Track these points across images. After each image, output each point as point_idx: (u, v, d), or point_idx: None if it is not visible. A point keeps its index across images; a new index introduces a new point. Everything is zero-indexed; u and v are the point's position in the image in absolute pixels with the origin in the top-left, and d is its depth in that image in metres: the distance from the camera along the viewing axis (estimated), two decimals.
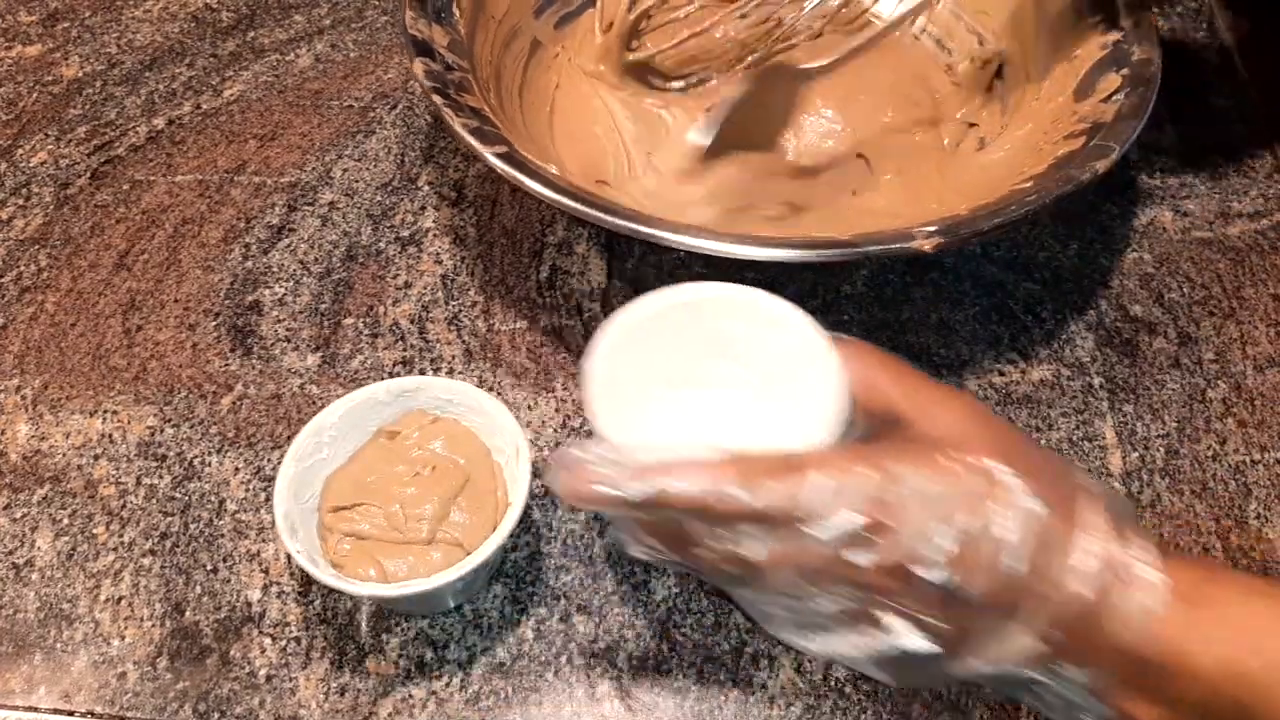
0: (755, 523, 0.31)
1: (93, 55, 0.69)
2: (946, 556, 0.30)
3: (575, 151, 0.58)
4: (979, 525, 0.30)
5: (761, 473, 0.31)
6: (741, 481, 0.30)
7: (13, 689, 0.41)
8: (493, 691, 0.41)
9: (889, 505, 0.30)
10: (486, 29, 0.58)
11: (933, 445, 0.32)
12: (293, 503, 0.40)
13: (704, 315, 0.37)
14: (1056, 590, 0.30)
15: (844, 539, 0.30)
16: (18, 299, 0.55)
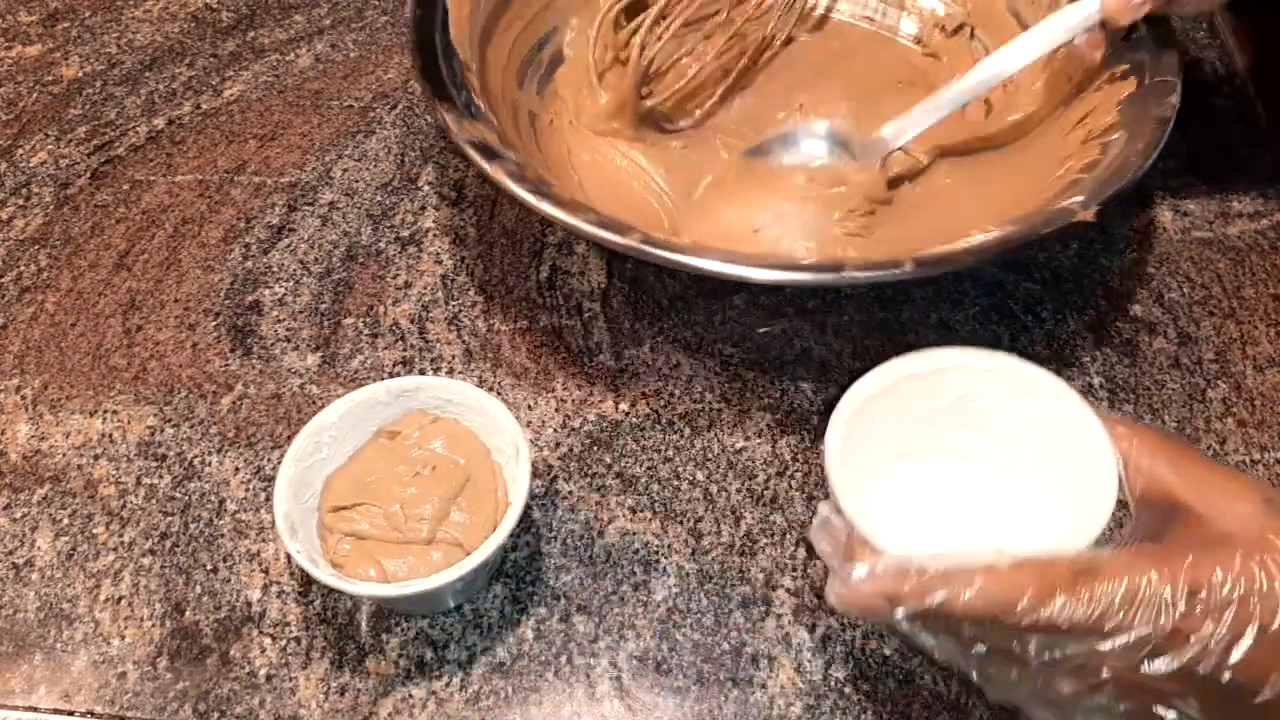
0: (1040, 634, 0.30)
1: (93, 55, 0.69)
2: (1245, 662, 0.29)
3: (626, 213, 0.56)
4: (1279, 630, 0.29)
5: (1055, 583, 0.29)
6: (1036, 596, 0.29)
7: (13, 689, 0.41)
8: (493, 691, 0.41)
9: (1193, 615, 0.29)
10: (502, 113, 0.54)
11: (1226, 543, 0.30)
12: (293, 503, 0.40)
13: (949, 385, 0.35)
14: None
15: (1137, 650, 0.29)
16: (18, 299, 0.55)
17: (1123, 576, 0.29)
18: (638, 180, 0.58)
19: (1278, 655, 0.29)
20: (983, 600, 0.30)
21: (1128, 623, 0.29)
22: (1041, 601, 0.29)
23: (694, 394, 0.50)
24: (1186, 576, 0.30)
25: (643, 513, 0.46)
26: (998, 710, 0.41)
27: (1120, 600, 0.29)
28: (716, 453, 0.48)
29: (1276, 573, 0.30)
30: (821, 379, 0.51)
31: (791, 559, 0.45)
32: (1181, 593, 0.29)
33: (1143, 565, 0.30)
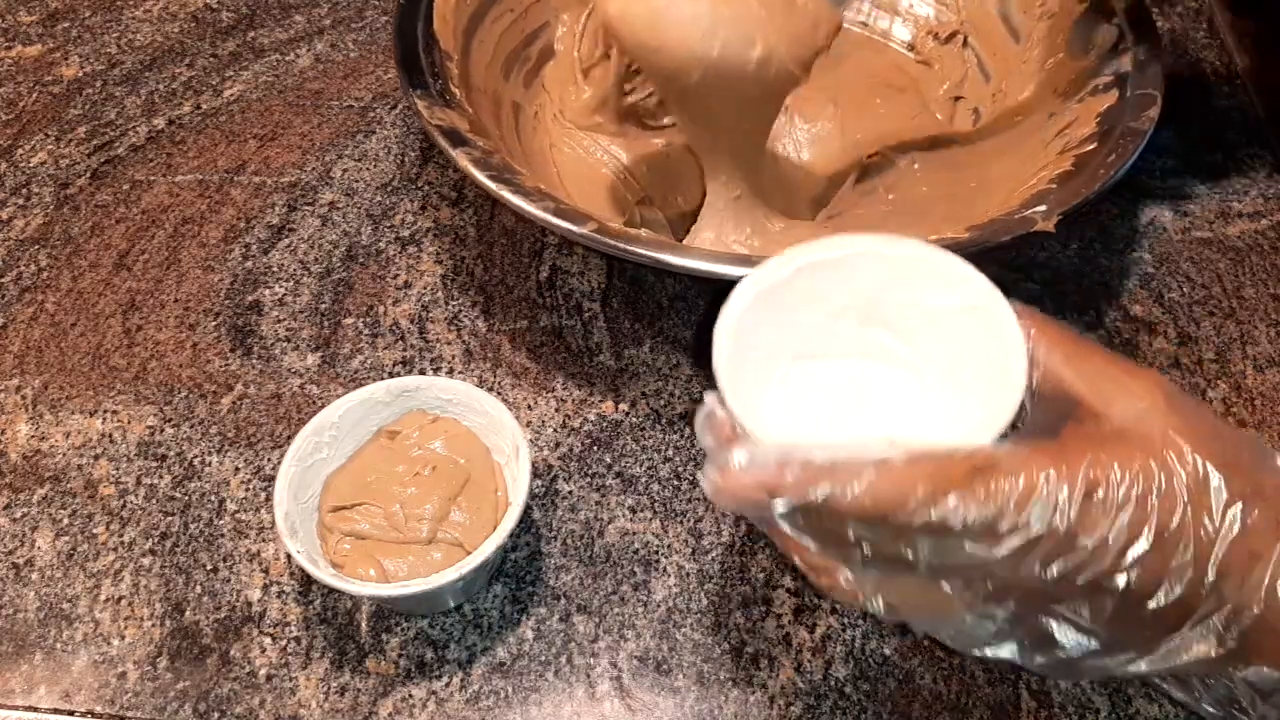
0: (932, 535, 0.28)
1: (93, 55, 0.69)
2: (1139, 565, 0.28)
3: (597, 205, 0.57)
4: (1184, 533, 0.28)
5: (949, 480, 0.28)
6: (928, 493, 0.27)
7: (13, 689, 0.41)
8: (493, 691, 0.41)
9: (1089, 515, 0.28)
10: (481, 103, 0.55)
11: (1124, 439, 0.29)
12: (293, 503, 0.40)
13: (854, 274, 0.32)
14: (1256, 601, 0.28)
15: (1028, 553, 0.28)
16: (18, 299, 0.55)
17: (1019, 474, 0.28)
18: (616, 175, 0.59)
19: (1170, 559, 0.28)
20: (871, 496, 0.28)
21: (1022, 524, 0.28)
22: (934, 499, 0.27)
23: (694, 394, 0.50)
24: (1084, 475, 0.28)
25: (643, 513, 0.46)
26: (997, 709, 0.41)
27: (1016, 500, 0.28)
28: None
29: (1176, 470, 0.28)
30: None
31: (791, 559, 0.45)
32: (1079, 492, 0.28)
33: (1040, 462, 0.28)
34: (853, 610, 0.43)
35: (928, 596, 0.31)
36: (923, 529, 0.28)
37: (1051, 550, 0.28)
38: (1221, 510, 0.28)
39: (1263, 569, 0.28)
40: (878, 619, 0.34)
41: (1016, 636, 0.31)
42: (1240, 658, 0.29)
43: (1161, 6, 0.73)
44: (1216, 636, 0.29)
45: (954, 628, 0.32)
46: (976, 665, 0.42)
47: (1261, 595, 0.28)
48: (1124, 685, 0.41)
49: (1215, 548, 0.28)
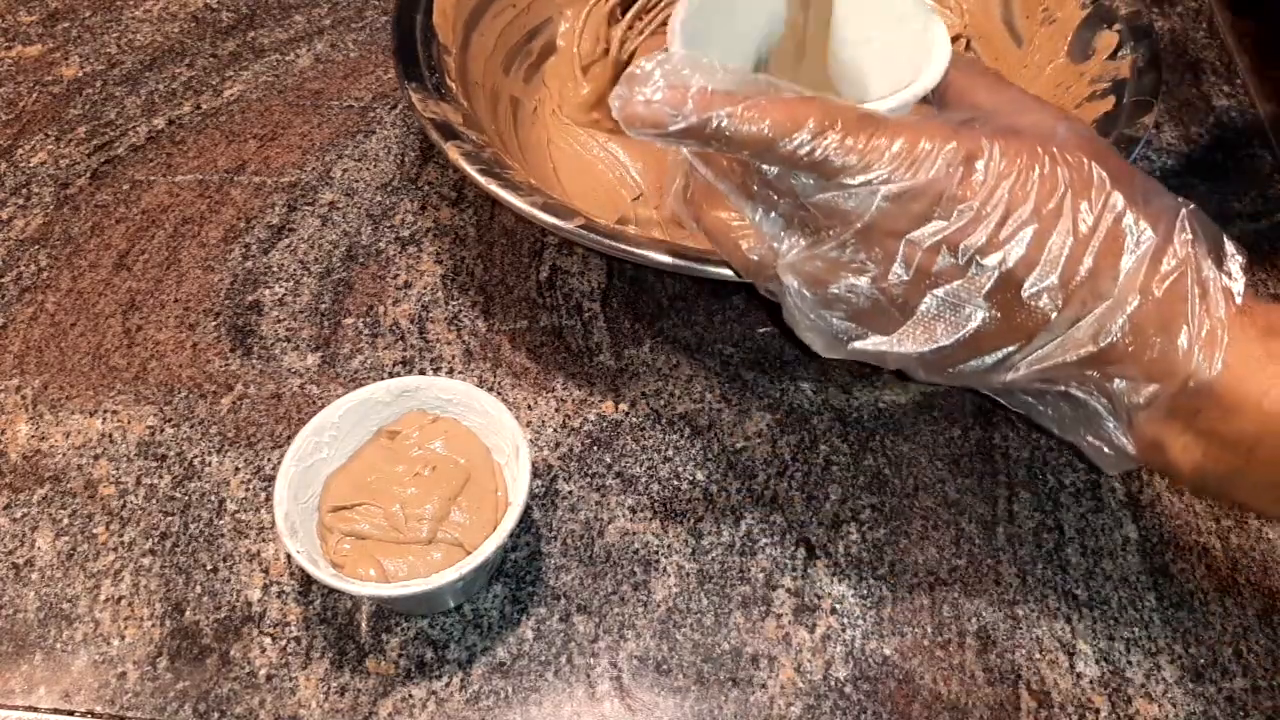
0: (816, 172, 0.29)
1: (93, 55, 0.69)
2: (1015, 243, 0.28)
3: (593, 202, 0.57)
4: (1060, 216, 0.28)
5: (840, 121, 0.28)
6: (818, 125, 0.28)
7: (13, 689, 0.41)
8: (493, 691, 0.41)
9: (970, 180, 0.28)
10: (478, 97, 0.55)
11: (1017, 133, 0.29)
12: (293, 503, 0.40)
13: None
14: (1131, 294, 0.28)
15: (914, 208, 0.28)
16: (18, 299, 0.55)
17: (907, 131, 0.29)
18: (613, 172, 0.59)
19: (1046, 240, 0.28)
20: (766, 119, 0.29)
21: (899, 172, 0.28)
22: (822, 132, 0.28)
23: (694, 394, 0.50)
24: (968, 144, 0.29)
25: (643, 513, 0.46)
26: (997, 709, 0.41)
27: (899, 149, 0.28)
28: (716, 453, 0.48)
29: (1060, 161, 0.29)
30: (821, 379, 0.51)
31: (791, 559, 0.45)
32: (959, 156, 0.28)
33: (929, 127, 0.29)
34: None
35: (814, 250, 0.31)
36: (807, 161, 0.29)
37: (928, 208, 0.28)
38: (1102, 202, 0.29)
39: (1139, 265, 0.28)
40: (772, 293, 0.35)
41: (895, 321, 0.31)
42: (1112, 360, 0.29)
43: (1161, 6, 0.73)
44: (1091, 332, 0.29)
45: (836, 302, 0.32)
46: (977, 665, 0.42)
47: (1137, 290, 0.28)
48: (1122, 687, 0.41)
49: (1095, 235, 0.28)
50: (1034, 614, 0.43)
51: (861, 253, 0.30)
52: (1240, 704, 0.41)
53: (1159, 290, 0.29)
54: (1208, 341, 0.29)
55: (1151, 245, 0.29)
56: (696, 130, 0.30)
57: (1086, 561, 0.45)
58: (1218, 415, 0.29)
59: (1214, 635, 0.43)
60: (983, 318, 0.30)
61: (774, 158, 0.29)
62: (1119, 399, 0.30)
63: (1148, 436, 0.30)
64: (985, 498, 0.47)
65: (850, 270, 0.31)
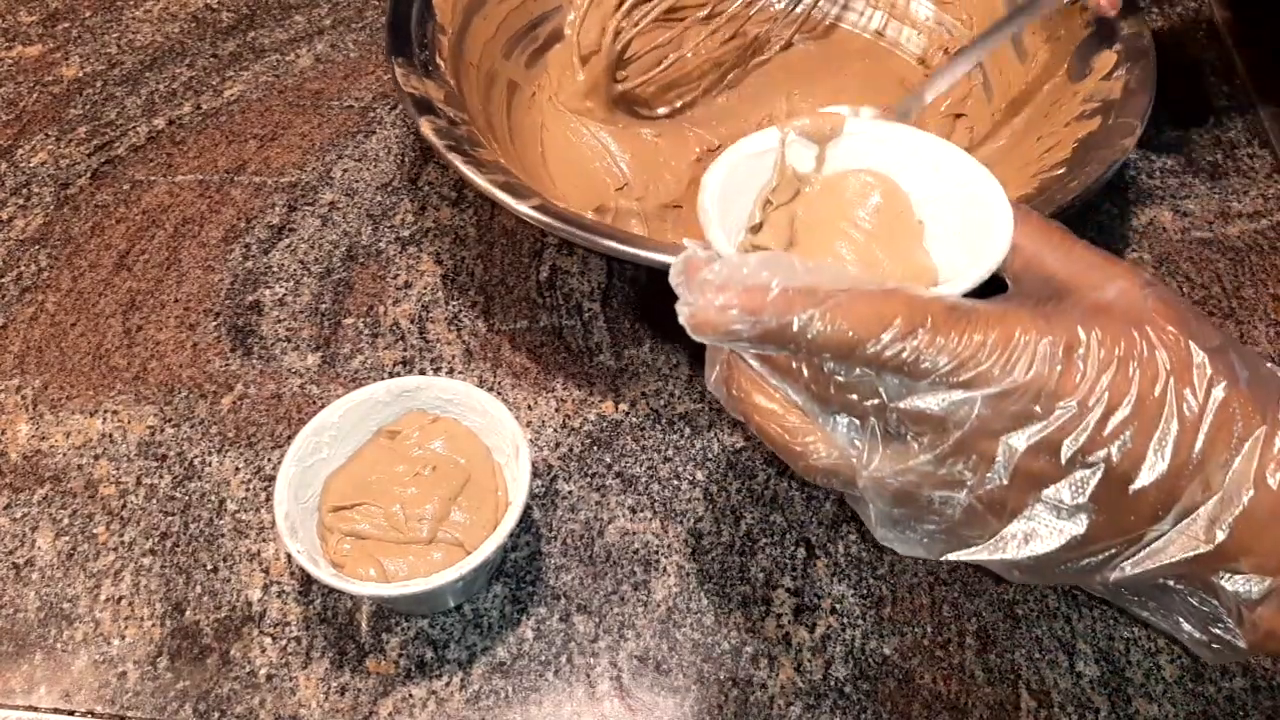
0: (904, 374, 0.27)
1: (93, 55, 0.69)
2: (1120, 438, 0.26)
3: (577, 189, 0.57)
4: (1165, 405, 0.26)
5: (930, 318, 0.26)
6: (907, 324, 0.26)
7: (13, 688, 0.41)
8: (493, 691, 0.41)
9: (1069, 374, 0.26)
10: (469, 77, 0.56)
11: (1106, 312, 0.28)
12: (293, 502, 0.40)
13: (851, 147, 0.33)
14: (1245, 486, 0.27)
15: (1013, 409, 0.26)
16: (18, 299, 0.55)
17: (998, 324, 0.26)
18: (600, 161, 0.59)
19: (1152, 431, 0.26)
20: (848, 321, 0.26)
21: (996, 372, 0.26)
22: (912, 332, 0.26)
23: (694, 394, 0.50)
24: (1065, 333, 0.27)
25: (643, 513, 0.46)
26: (997, 709, 0.41)
27: (993, 344, 0.26)
28: (716, 453, 0.48)
29: (1157, 343, 0.27)
30: None
31: (791, 559, 0.45)
32: (1058, 349, 0.26)
33: (1020, 316, 0.27)
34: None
35: (902, 462, 0.29)
36: (893, 364, 0.27)
37: (1028, 407, 0.27)
38: (1206, 388, 0.27)
39: (1251, 455, 0.27)
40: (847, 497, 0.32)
41: (992, 527, 0.29)
42: (1225, 558, 0.28)
43: (1161, 6, 0.73)
44: (1203, 527, 0.27)
45: (926, 513, 0.29)
46: (977, 665, 0.42)
47: (1250, 481, 0.27)
48: (1122, 687, 0.41)
49: (1201, 424, 0.27)
50: (1034, 614, 0.43)
51: (959, 464, 0.28)
52: (1240, 704, 0.41)
53: (1273, 480, 0.27)
54: None
55: (1261, 432, 0.27)
56: (775, 335, 0.27)
57: None
58: None
59: None
60: (1088, 519, 0.28)
61: (859, 360, 0.27)
62: (1228, 594, 0.28)
63: (1263, 629, 0.29)
64: None
65: (945, 483, 0.29)
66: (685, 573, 0.44)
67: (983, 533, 0.29)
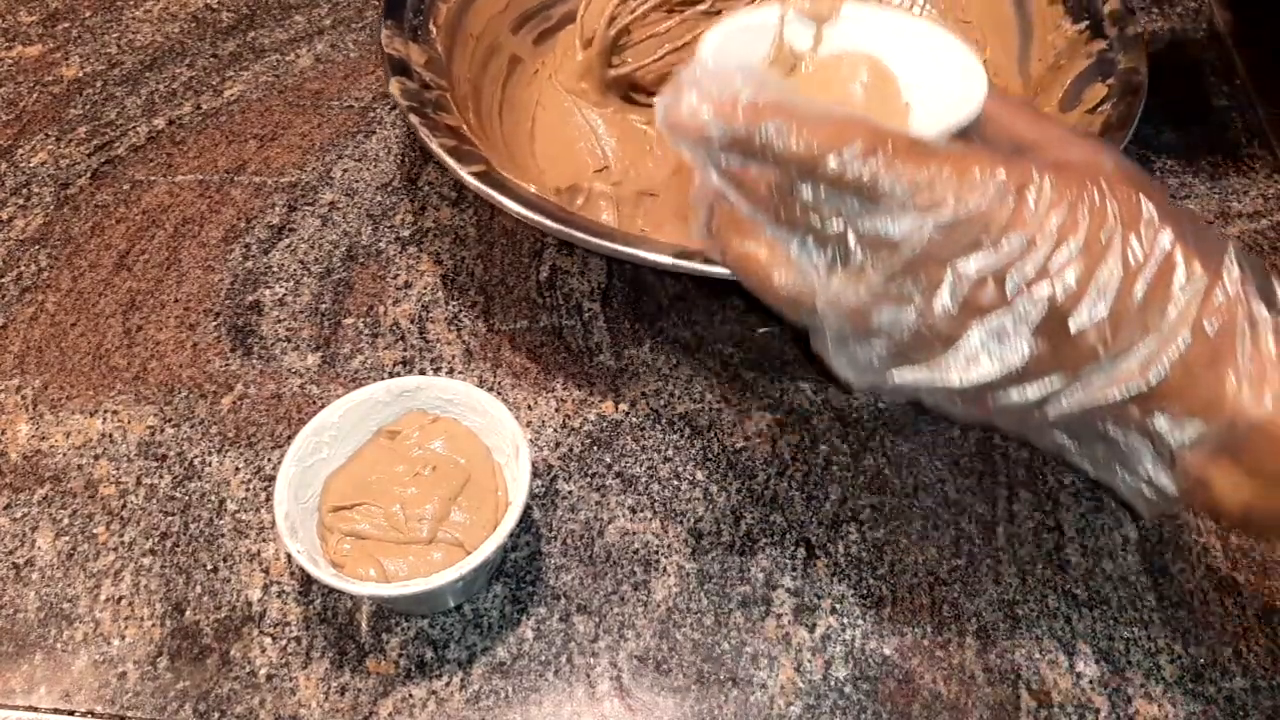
0: (863, 196, 0.28)
1: (93, 55, 0.69)
2: (1064, 276, 0.28)
3: (557, 167, 0.58)
4: (1110, 249, 0.28)
5: (890, 143, 0.28)
6: (867, 145, 0.28)
7: (13, 688, 0.41)
8: (493, 691, 0.41)
9: (1021, 210, 0.28)
10: (465, 46, 0.58)
11: (1065, 166, 0.29)
12: (293, 502, 0.40)
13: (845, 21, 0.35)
14: (1182, 329, 0.28)
15: (963, 238, 0.28)
16: (18, 299, 0.55)
17: (958, 159, 0.28)
18: (585, 141, 0.60)
19: (1096, 272, 0.28)
20: (813, 136, 0.28)
21: (950, 200, 0.28)
22: (872, 152, 0.28)
23: (694, 394, 0.50)
24: (1019, 174, 0.28)
25: (643, 513, 0.46)
26: (996, 709, 0.41)
27: (948, 176, 0.28)
28: (716, 453, 0.48)
29: (1109, 194, 0.28)
30: (822, 379, 0.51)
31: (791, 559, 0.45)
32: (1012, 185, 0.28)
33: (979, 156, 0.28)
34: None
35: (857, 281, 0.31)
36: (854, 182, 0.28)
37: (978, 237, 0.28)
38: (1152, 237, 0.28)
39: (1191, 303, 0.28)
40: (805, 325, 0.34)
41: (937, 353, 0.30)
42: (1158, 400, 0.29)
43: (1161, 7, 0.73)
44: (1138, 368, 0.29)
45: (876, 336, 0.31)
46: (976, 665, 0.42)
47: (1189, 327, 0.28)
48: (1122, 687, 0.41)
49: (1144, 270, 0.28)
50: (1034, 614, 0.43)
51: (908, 283, 0.30)
52: (1240, 704, 0.41)
53: (1209, 327, 0.28)
54: (1257, 379, 0.28)
55: (1202, 282, 0.28)
56: (743, 141, 0.29)
57: (1086, 561, 0.45)
58: (1267, 453, 0.29)
59: (1213, 635, 0.43)
60: (1029, 351, 0.29)
61: (820, 176, 0.29)
62: (1161, 438, 0.30)
63: (1192, 475, 0.30)
64: (985, 498, 0.47)
65: (895, 301, 0.30)
66: (685, 573, 0.44)
67: (928, 360, 0.31)
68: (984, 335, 0.29)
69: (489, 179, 0.46)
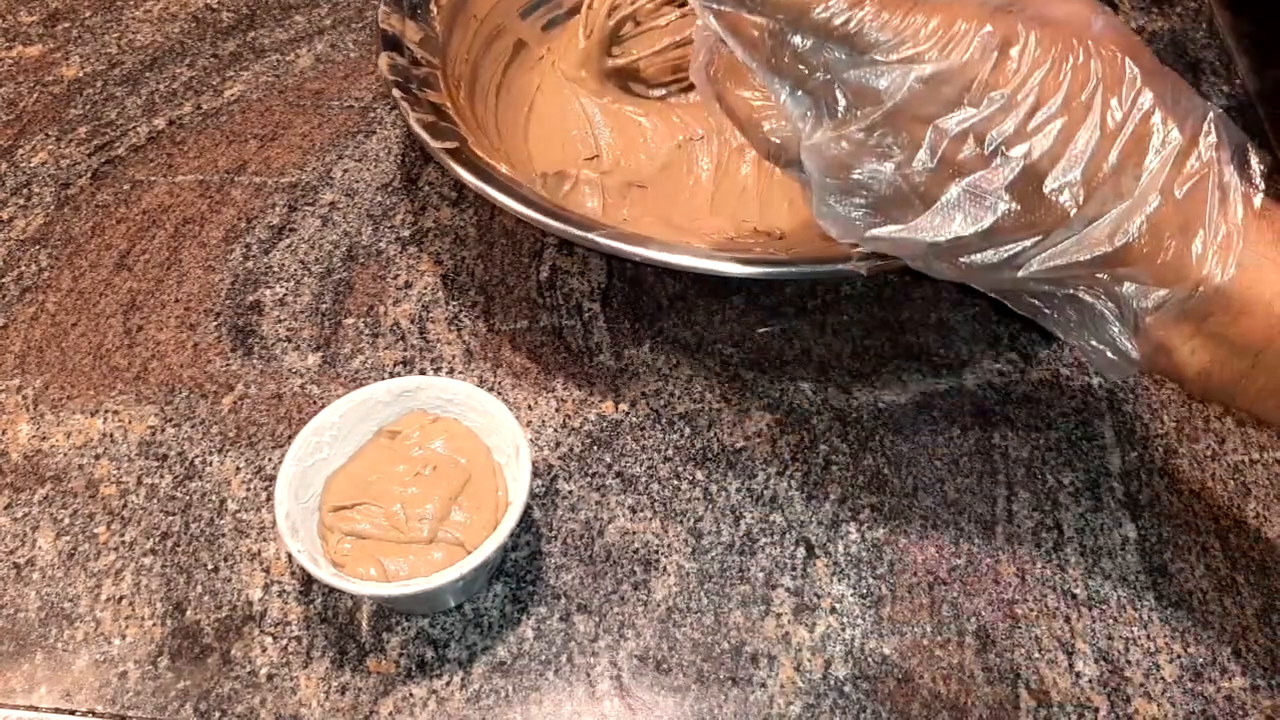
0: (849, 46, 0.29)
1: (93, 55, 0.69)
2: (1043, 134, 0.28)
3: (548, 152, 0.58)
4: (1090, 111, 0.28)
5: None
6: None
7: (13, 688, 0.41)
8: (493, 690, 0.41)
9: (1004, 67, 0.28)
10: (466, 27, 0.59)
11: (1052, 22, 0.29)
12: (293, 502, 0.40)
13: None
14: (1152, 194, 0.28)
15: (945, 92, 0.28)
16: (18, 299, 0.55)
17: (944, 11, 0.28)
18: (579, 129, 0.60)
19: (1074, 133, 0.28)
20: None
21: (933, 53, 0.28)
22: (858, 3, 0.28)
23: (694, 394, 0.50)
24: (1004, 28, 0.28)
25: (643, 512, 0.46)
26: (996, 709, 0.41)
27: (934, 28, 0.28)
28: (716, 453, 0.48)
29: (1095, 54, 0.28)
30: (821, 379, 0.51)
31: (791, 558, 0.45)
32: (995, 40, 0.28)
33: (966, 8, 0.28)
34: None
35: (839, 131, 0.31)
36: (840, 31, 0.28)
37: (959, 93, 0.28)
38: (1132, 99, 0.28)
39: (1163, 166, 0.28)
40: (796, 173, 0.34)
41: (916, 211, 0.31)
42: (1126, 262, 0.29)
43: (1161, 6, 0.73)
44: (1108, 231, 0.29)
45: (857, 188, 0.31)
46: (976, 665, 0.42)
47: (1158, 190, 0.28)
48: (1121, 686, 0.41)
49: (1121, 133, 0.28)
50: (1033, 614, 0.43)
51: (888, 136, 0.30)
52: (1239, 703, 0.41)
53: (1179, 192, 0.28)
54: (1223, 245, 0.28)
55: (1177, 147, 0.28)
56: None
57: (1086, 561, 0.45)
58: (1227, 319, 0.29)
59: (1213, 635, 0.43)
60: (1003, 210, 0.29)
61: (807, 24, 0.29)
62: (1127, 302, 0.30)
63: (1154, 340, 0.30)
64: (984, 497, 0.47)
65: (875, 155, 0.30)
66: (685, 573, 0.44)
67: (906, 216, 0.31)
68: (960, 194, 0.30)
69: (458, 156, 0.47)
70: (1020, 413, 0.50)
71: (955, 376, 0.51)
